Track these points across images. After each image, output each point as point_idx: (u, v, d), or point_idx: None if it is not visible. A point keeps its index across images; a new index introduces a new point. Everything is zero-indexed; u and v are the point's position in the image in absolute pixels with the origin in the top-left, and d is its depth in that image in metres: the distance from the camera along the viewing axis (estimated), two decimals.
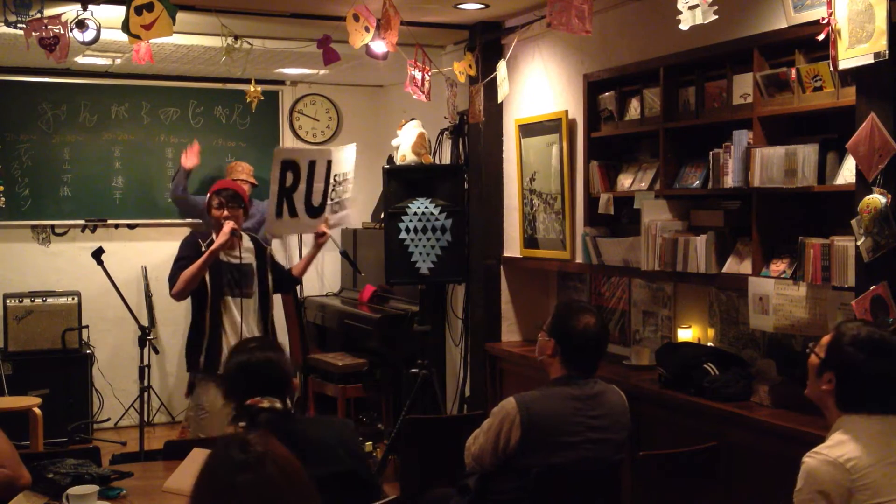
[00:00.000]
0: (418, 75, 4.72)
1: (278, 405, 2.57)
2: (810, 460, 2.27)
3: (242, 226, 4.51)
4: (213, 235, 4.38)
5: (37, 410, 5.50)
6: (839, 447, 2.27)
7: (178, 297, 4.39)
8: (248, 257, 4.48)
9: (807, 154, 3.44)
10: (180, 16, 3.92)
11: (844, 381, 2.35)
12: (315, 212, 4.84)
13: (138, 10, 3.78)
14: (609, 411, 3.06)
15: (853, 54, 2.89)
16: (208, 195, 4.50)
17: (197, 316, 4.40)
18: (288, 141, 7.47)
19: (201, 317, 4.36)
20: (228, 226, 4.32)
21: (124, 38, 3.87)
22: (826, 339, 2.44)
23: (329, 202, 4.86)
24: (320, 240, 4.77)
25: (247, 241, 4.53)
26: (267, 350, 2.72)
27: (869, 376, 2.32)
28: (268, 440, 1.69)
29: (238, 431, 1.70)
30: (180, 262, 4.36)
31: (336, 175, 4.89)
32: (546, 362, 3.13)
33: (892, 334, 2.44)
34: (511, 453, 2.96)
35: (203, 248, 4.32)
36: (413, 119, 5.99)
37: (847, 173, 3.32)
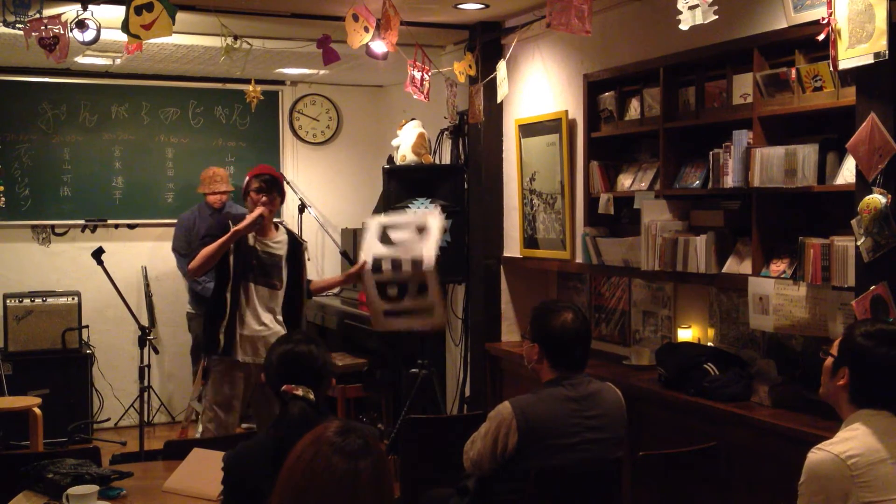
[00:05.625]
0: (418, 75, 4.72)
1: (311, 396, 2.61)
2: (813, 455, 2.30)
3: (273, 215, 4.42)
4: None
5: (37, 410, 5.49)
6: (843, 443, 2.28)
7: (194, 272, 4.31)
8: (280, 248, 4.39)
9: (807, 154, 3.44)
10: (180, 16, 3.91)
11: (858, 372, 2.37)
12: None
13: (138, 10, 3.78)
14: (605, 410, 3.05)
15: (853, 54, 2.89)
16: (247, 178, 4.43)
17: (217, 296, 4.31)
18: (288, 141, 7.47)
19: (222, 298, 4.28)
20: (258, 210, 4.27)
21: (124, 38, 3.87)
22: (838, 340, 2.47)
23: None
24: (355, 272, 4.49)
25: (281, 233, 4.46)
26: (310, 343, 2.76)
27: (881, 366, 2.34)
28: (366, 429, 1.73)
29: (334, 422, 1.73)
30: (204, 240, 4.28)
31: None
32: (536, 368, 3.11)
33: None
34: (509, 457, 2.95)
35: (231, 228, 4.23)
36: (413, 119, 6.00)
37: (847, 173, 3.32)
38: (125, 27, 3.81)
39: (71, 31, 4.23)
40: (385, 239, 4.42)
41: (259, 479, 2.43)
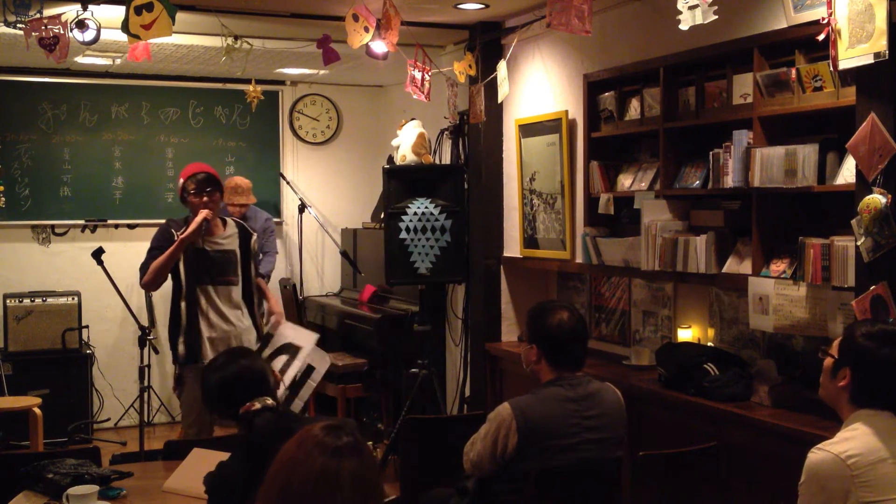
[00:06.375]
0: (418, 75, 4.72)
1: (270, 401, 2.59)
2: (813, 455, 2.29)
3: (220, 211, 4.44)
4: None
5: (37, 410, 5.49)
6: (843, 443, 2.28)
7: (147, 287, 4.33)
8: (230, 243, 4.39)
9: (807, 154, 3.44)
10: (180, 16, 3.91)
11: (860, 373, 2.35)
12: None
13: (138, 10, 3.78)
14: (605, 410, 3.05)
15: (853, 54, 2.89)
16: (181, 181, 4.41)
17: (173, 305, 4.33)
18: (288, 141, 7.47)
19: (177, 306, 4.30)
20: (201, 214, 4.25)
21: (124, 38, 3.87)
22: (837, 340, 2.46)
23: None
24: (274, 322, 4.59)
25: (231, 227, 4.45)
26: (238, 358, 2.72)
27: (883, 366, 2.33)
28: (354, 427, 1.73)
29: (321, 421, 1.72)
30: (152, 252, 4.30)
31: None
32: (535, 370, 3.11)
33: None
34: (509, 458, 2.95)
35: (176, 237, 4.25)
36: (413, 119, 6.00)
37: (847, 173, 3.32)
38: (125, 27, 3.81)
39: (71, 31, 4.23)
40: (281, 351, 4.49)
41: (242, 496, 2.41)
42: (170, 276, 4.33)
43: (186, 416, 4.39)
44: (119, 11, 3.90)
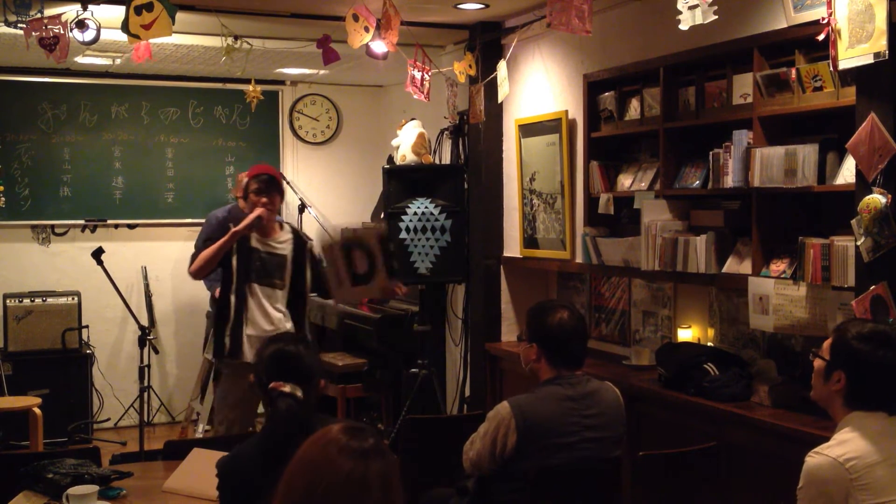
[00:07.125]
0: (418, 75, 4.72)
1: (298, 393, 2.60)
2: (811, 459, 2.28)
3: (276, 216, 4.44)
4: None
5: (37, 410, 5.50)
6: (840, 446, 2.27)
7: (194, 275, 4.34)
8: (283, 248, 4.39)
9: (807, 154, 3.44)
10: (180, 16, 3.92)
11: (854, 376, 2.34)
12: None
13: (138, 10, 3.79)
14: (604, 409, 3.05)
15: (853, 54, 2.89)
16: (245, 179, 4.46)
17: (222, 300, 4.33)
18: (288, 141, 7.47)
19: (227, 300, 4.30)
20: (256, 211, 4.27)
21: (124, 38, 3.87)
22: (828, 342, 2.44)
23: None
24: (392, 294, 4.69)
25: (286, 232, 4.45)
26: (299, 344, 2.76)
27: (877, 368, 2.31)
28: (373, 430, 1.72)
29: (341, 423, 1.71)
30: (206, 242, 4.33)
31: None
32: (534, 369, 3.11)
33: (893, 328, 2.44)
34: (508, 457, 2.95)
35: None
36: (413, 119, 6.00)
37: (847, 173, 3.32)
38: (125, 27, 3.81)
39: (71, 31, 4.23)
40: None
41: (253, 479, 2.42)
42: (223, 269, 4.33)
43: (218, 413, 4.40)
44: (119, 11, 3.90)
